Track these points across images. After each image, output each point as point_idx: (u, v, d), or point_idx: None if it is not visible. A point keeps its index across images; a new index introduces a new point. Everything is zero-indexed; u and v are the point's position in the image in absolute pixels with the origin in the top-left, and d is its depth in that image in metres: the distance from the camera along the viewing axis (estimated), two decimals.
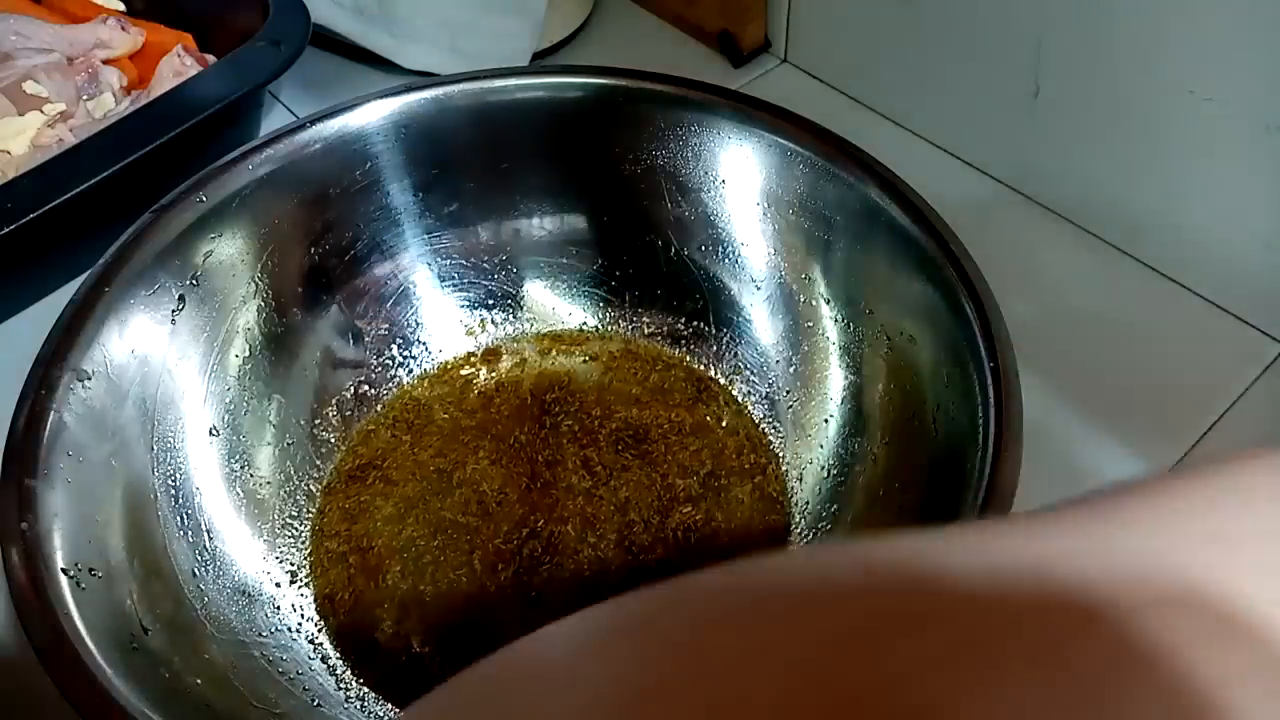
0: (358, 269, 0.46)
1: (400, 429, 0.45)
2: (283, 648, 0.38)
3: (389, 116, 0.44)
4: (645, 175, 0.46)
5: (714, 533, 0.41)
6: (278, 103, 0.63)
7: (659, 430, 0.45)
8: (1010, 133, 0.53)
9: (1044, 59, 0.49)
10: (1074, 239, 0.52)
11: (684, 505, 0.42)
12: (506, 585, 0.40)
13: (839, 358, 0.43)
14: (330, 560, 0.41)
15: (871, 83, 0.60)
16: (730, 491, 0.43)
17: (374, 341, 0.47)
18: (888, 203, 0.39)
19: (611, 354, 0.48)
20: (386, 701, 0.38)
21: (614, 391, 0.46)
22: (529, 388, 0.47)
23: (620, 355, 0.48)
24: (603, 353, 0.48)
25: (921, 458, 0.37)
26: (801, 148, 0.42)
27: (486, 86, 0.45)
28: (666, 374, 0.47)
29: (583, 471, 0.43)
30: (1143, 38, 0.44)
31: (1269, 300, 0.47)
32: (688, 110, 0.44)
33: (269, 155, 0.42)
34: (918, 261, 0.38)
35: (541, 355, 0.48)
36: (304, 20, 0.55)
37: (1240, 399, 0.45)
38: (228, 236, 0.42)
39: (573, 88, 0.45)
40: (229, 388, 0.42)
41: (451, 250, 0.48)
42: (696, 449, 0.44)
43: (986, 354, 0.34)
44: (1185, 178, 0.47)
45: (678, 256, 0.47)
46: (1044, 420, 0.43)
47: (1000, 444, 0.32)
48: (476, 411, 0.46)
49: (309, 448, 0.44)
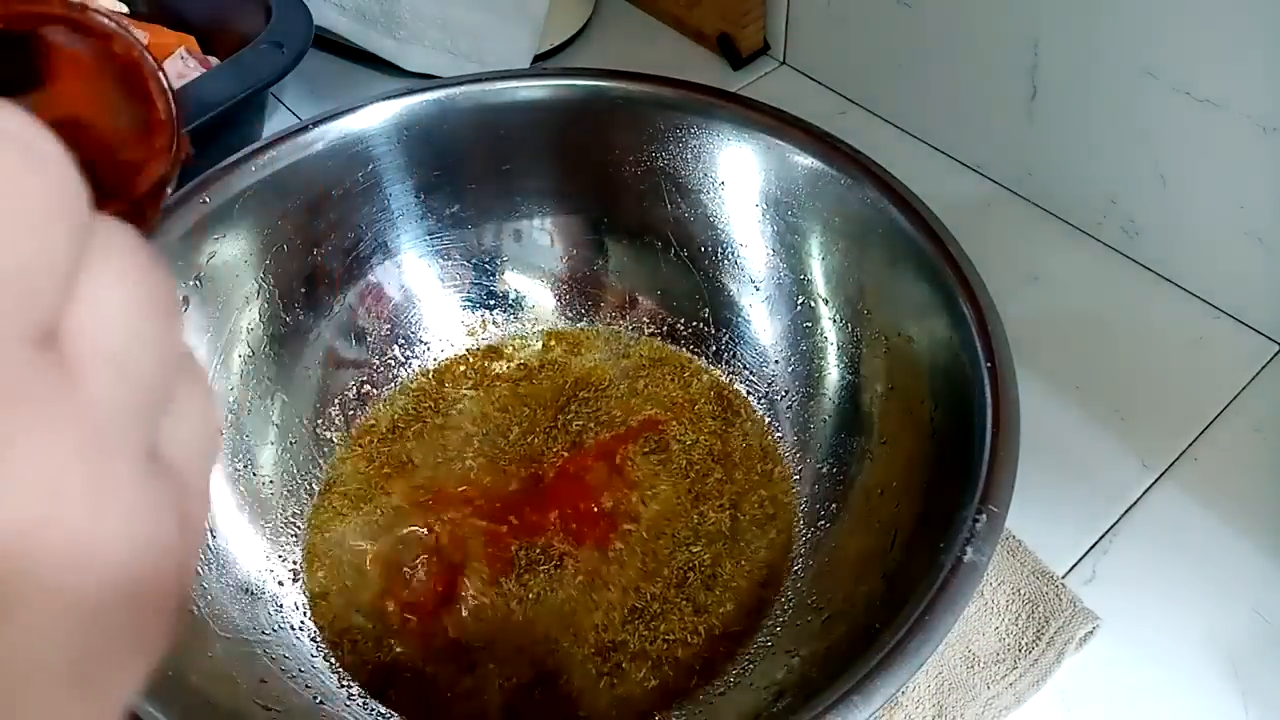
0: (360, 269, 0.46)
1: (401, 428, 0.46)
2: (285, 645, 0.38)
3: (391, 119, 0.44)
4: (645, 177, 0.46)
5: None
6: (280, 105, 0.63)
7: (669, 426, 0.45)
8: (1008, 134, 0.53)
9: (1041, 61, 0.49)
10: (1071, 240, 0.53)
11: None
12: (507, 586, 0.40)
13: (837, 357, 0.43)
14: (332, 559, 0.42)
15: (870, 85, 0.60)
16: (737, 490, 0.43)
17: (376, 341, 0.47)
18: (886, 204, 0.40)
19: (613, 354, 0.48)
20: (388, 700, 0.38)
21: (624, 392, 0.46)
22: (530, 387, 0.47)
23: (622, 356, 0.48)
24: (606, 353, 0.48)
25: (919, 457, 0.37)
26: (800, 149, 0.42)
27: (488, 89, 0.45)
28: (657, 369, 0.47)
29: (583, 473, 0.44)
30: (1140, 39, 0.45)
31: (1266, 301, 0.47)
32: (687, 112, 0.44)
33: (272, 157, 0.42)
34: (916, 262, 0.39)
35: (542, 355, 0.48)
36: (306, 23, 0.55)
37: (1237, 399, 0.46)
38: (231, 237, 0.42)
39: (573, 90, 0.45)
40: (232, 387, 0.42)
41: (453, 251, 0.48)
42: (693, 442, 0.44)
43: (983, 354, 0.35)
44: (1182, 179, 0.47)
45: (677, 257, 0.47)
46: (1041, 420, 0.43)
47: (997, 443, 0.32)
48: (477, 410, 0.46)
49: (311, 447, 0.44)
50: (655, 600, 0.39)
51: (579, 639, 0.39)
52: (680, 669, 0.38)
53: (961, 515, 0.31)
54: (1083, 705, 0.37)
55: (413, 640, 0.39)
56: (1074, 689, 0.38)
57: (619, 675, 0.38)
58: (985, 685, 0.37)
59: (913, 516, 0.36)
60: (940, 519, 0.32)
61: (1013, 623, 0.39)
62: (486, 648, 0.39)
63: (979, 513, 0.31)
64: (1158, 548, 0.41)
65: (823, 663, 0.33)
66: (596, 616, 0.39)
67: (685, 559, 0.41)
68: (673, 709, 0.37)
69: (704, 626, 0.39)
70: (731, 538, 0.41)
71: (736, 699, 0.36)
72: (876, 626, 0.31)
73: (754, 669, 0.37)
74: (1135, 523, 0.42)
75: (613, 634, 0.39)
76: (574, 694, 0.37)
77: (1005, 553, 0.40)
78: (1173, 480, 0.43)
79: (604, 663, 0.38)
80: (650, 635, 0.39)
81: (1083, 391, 0.46)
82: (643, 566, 0.40)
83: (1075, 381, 0.47)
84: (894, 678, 0.28)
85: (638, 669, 0.38)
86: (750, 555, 0.41)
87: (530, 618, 0.39)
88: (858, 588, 0.36)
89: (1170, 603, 0.40)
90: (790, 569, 0.40)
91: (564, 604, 0.40)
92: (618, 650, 0.38)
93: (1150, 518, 0.42)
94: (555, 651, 0.38)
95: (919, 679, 0.37)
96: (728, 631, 0.39)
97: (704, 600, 0.39)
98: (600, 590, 0.40)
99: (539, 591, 0.40)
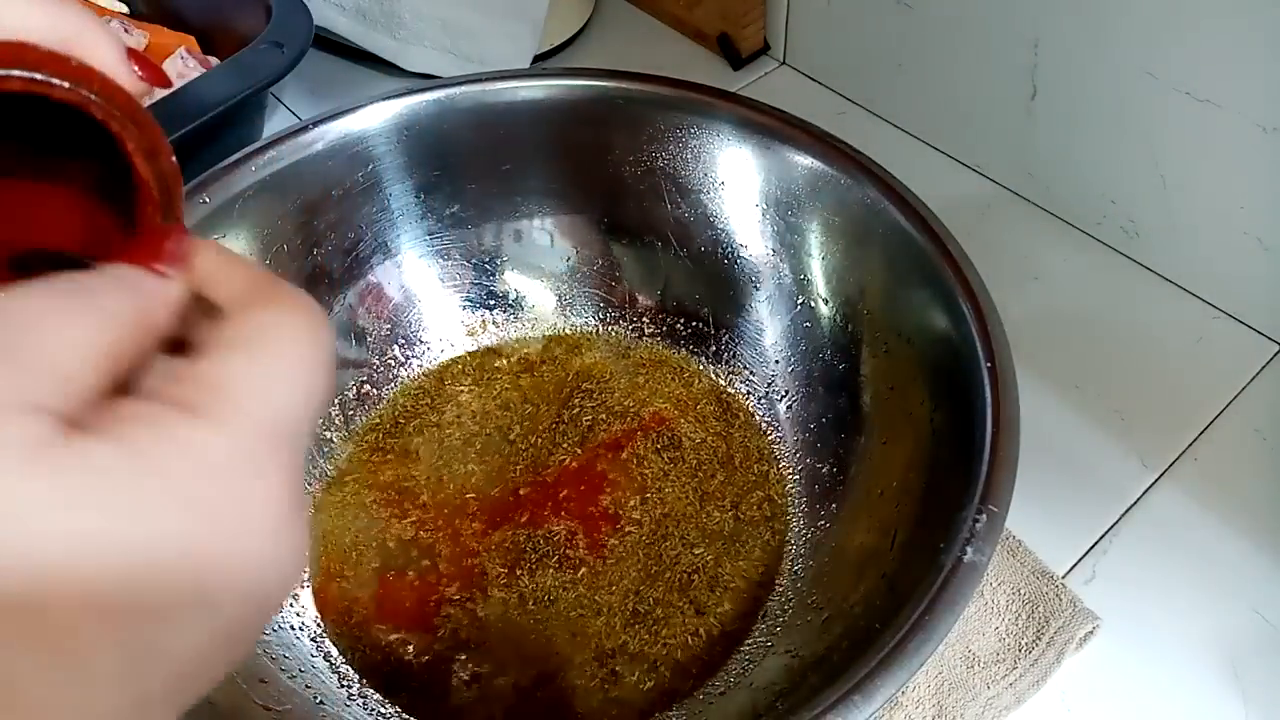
0: (360, 270, 0.46)
1: (402, 423, 0.46)
2: (285, 645, 0.38)
3: (391, 119, 0.44)
4: (645, 177, 0.46)
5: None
6: (280, 105, 0.63)
7: (678, 424, 0.45)
8: (1008, 134, 0.53)
9: (1041, 61, 0.49)
10: (1071, 240, 0.53)
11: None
12: (509, 586, 0.40)
13: (837, 358, 0.43)
14: (332, 559, 0.42)
15: (870, 85, 0.60)
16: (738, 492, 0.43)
17: (376, 341, 0.47)
18: (886, 204, 0.40)
19: (614, 353, 0.48)
20: (388, 700, 0.38)
21: (627, 385, 0.46)
22: (532, 381, 0.47)
23: (622, 355, 0.48)
24: (607, 351, 0.48)
25: (919, 457, 0.37)
26: (800, 150, 0.42)
27: (488, 89, 0.45)
28: (658, 369, 0.47)
29: (582, 474, 0.44)
30: (1140, 39, 0.45)
31: (1266, 301, 0.47)
32: (687, 112, 0.44)
33: (272, 157, 0.42)
34: (916, 262, 0.39)
35: (543, 355, 0.48)
36: (306, 23, 0.55)
37: (1237, 399, 0.46)
38: (231, 237, 0.42)
39: (573, 90, 0.45)
40: None
41: (453, 251, 0.48)
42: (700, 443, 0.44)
43: (983, 354, 0.35)
44: (1182, 179, 0.47)
45: (677, 257, 0.47)
46: (1040, 420, 0.43)
47: (996, 443, 0.32)
48: (478, 408, 0.46)
49: (311, 447, 0.44)
50: (659, 605, 0.39)
51: (581, 641, 0.39)
52: (679, 670, 0.38)
53: (961, 515, 0.31)
54: (1083, 705, 0.37)
55: (414, 640, 0.39)
56: (1074, 689, 0.38)
57: (619, 677, 0.38)
58: (985, 685, 0.37)
59: (913, 516, 0.36)
60: (940, 519, 0.32)
61: (1013, 623, 0.39)
62: (487, 648, 0.39)
63: (979, 513, 0.31)
64: (1158, 548, 0.41)
65: (823, 663, 0.33)
66: (599, 619, 0.39)
67: (689, 562, 0.40)
68: (672, 709, 0.37)
69: (704, 628, 0.39)
70: (731, 538, 0.41)
71: (736, 699, 0.36)
72: (876, 626, 0.31)
73: (754, 669, 0.37)
74: (1135, 523, 0.42)
75: (614, 639, 0.39)
76: (574, 695, 0.37)
77: (1005, 553, 0.40)
78: (1173, 480, 0.43)
79: (600, 666, 0.38)
80: (651, 639, 0.38)
81: (1083, 391, 0.46)
82: (646, 570, 0.40)
83: (1075, 381, 0.47)
84: (894, 678, 0.28)
85: (637, 670, 0.38)
86: (749, 555, 0.41)
87: (532, 619, 0.39)
88: (858, 588, 0.36)
89: (1170, 603, 0.40)
90: (790, 569, 0.40)
91: (566, 605, 0.40)
92: (619, 654, 0.38)
93: (1150, 518, 0.42)
94: (557, 653, 0.38)
95: (919, 679, 0.37)
96: (727, 631, 0.39)
97: (705, 601, 0.39)
98: (603, 593, 0.40)
99: (541, 592, 0.40)
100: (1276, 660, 0.38)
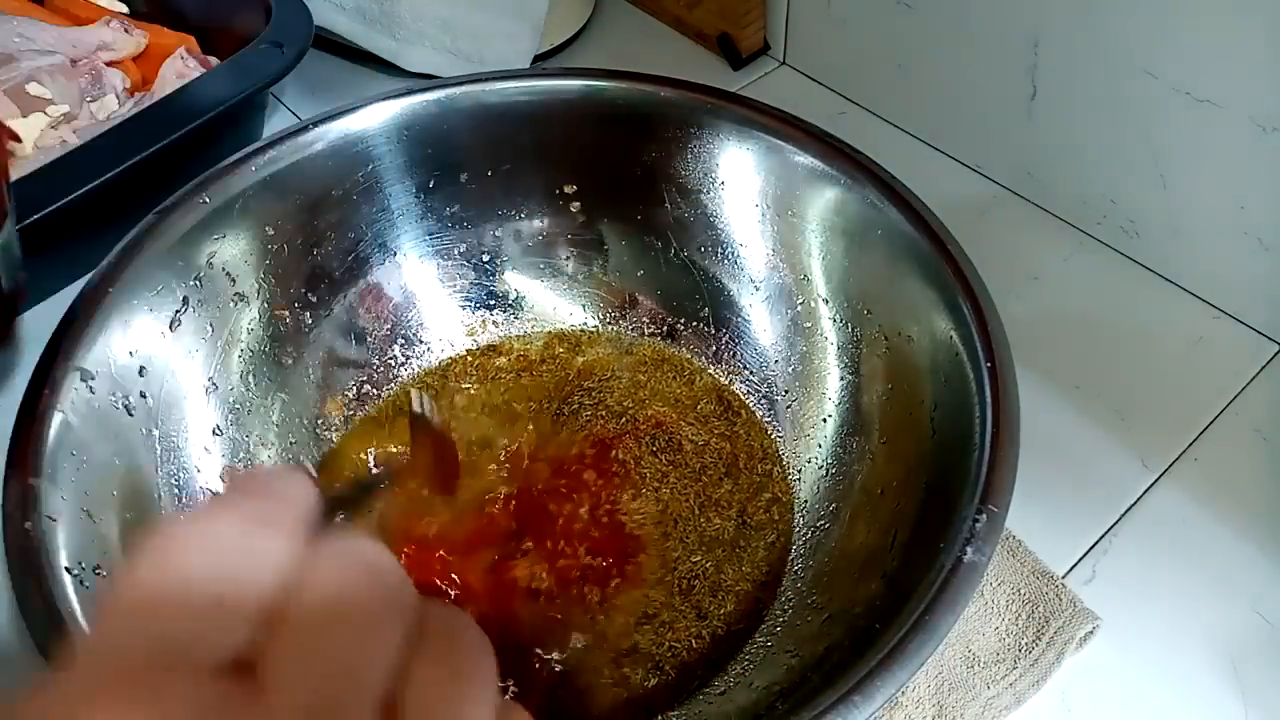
0: (360, 270, 0.46)
1: (401, 426, 0.46)
2: None
3: (391, 118, 0.44)
4: (645, 177, 0.46)
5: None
6: (280, 105, 0.63)
7: (679, 427, 0.45)
8: (1007, 134, 0.53)
9: (1041, 61, 0.49)
10: (1071, 240, 0.53)
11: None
12: (507, 583, 0.40)
13: (837, 357, 0.43)
14: None
15: (870, 85, 0.60)
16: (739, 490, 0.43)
17: (376, 341, 0.47)
18: (886, 204, 0.40)
19: (614, 352, 0.48)
20: None
21: (628, 384, 0.46)
22: (532, 379, 0.47)
23: (623, 354, 0.48)
24: (607, 349, 0.48)
25: (919, 457, 0.37)
26: (800, 150, 0.42)
27: (488, 89, 0.45)
28: (658, 369, 0.47)
29: (589, 472, 0.44)
30: (1140, 39, 0.45)
31: (1265, 301, 0.47)
32: (687, 113, 0.44)
33: (272, 157, 0.42)
34: (915, 262, 0.39)
35: (543, 354, 0.48)
36: (306, 23, 0.55)
37: (1237, 399, 0.46)
38: (231, 238, 0.42)
39: (573, 90, 0.45)
40: (232, 387, 0.42)
41: (453, 251, 0.48)
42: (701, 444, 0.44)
43: (983, 354, 0.35)
44: (1182, 179, 0.47)
45: (677, 257, 0.47)
46: (1040, 420, 0.43)
47: (997, 443, 0.32)
48: (479, 407, 0.46)
49: (311, 447, 0.44)
50: (664, 609, 0.39)
51: (582, 642, 0.39)
52: (682, 670, 0.38)
53: (961, 515, 0.31)
54: (1083, 705, 0.37)
55: None
56: (1074, 689, 0.38)
57: (621, 677, 0.38)
58: (985, 685, 0.37)
59: (913, 516, 0.36)
60: (940, 519, 0.32)
61: (1013, 623, 0.39)
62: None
63: (979, 513, 0.31)
64: (1158, 548, 0.41)
65: (823, 663, 0.33)
66: (600, 621, 0.39)
67: (689, 567, 0.40)
68: (673, 709, 0.37)
69: (707, 630, 0.39)
70: (733, 540, 0.41)
71: (736, 699, 0.36)
72: (876, 626, 0.31)
73: (754, 669, 0.37)
74: (1135, 523, 0.42)
75: (616, 642, 0.39)
76: (577, 696, 0.37)
77: (1005, 553, 0.40)
78: (1173, 480, 0.43)
79: (605, 667, 0.38)
80: (658, 640, 0.38)
81: (1083, 391, 0.46)
82: (648, 573, 0.40)
83: (1075, 381, 0.47)
84: (894, 678, 0.28)
85: (640, 670, 0.38)
86: (750, 556, 0.41)
87: (533, 620, 0.39)
88: (858, 588, 0.36)
89: (1170, 603, 0.40)
90: (790, 569, 0.40)
91: (569, 606, 0.40)
92: (626, 656, 0.38)
93: (1150, 518, 0.42)
94: (559, 654, 0.38)
95: (919, 679, 0.37)
96: (728, 632, 0.39)
97: (707, 605, 0.39)
98: (605, 594, 0.40)
99: (543, 594, 0.40)
100: (1276, 660, 0.38)
